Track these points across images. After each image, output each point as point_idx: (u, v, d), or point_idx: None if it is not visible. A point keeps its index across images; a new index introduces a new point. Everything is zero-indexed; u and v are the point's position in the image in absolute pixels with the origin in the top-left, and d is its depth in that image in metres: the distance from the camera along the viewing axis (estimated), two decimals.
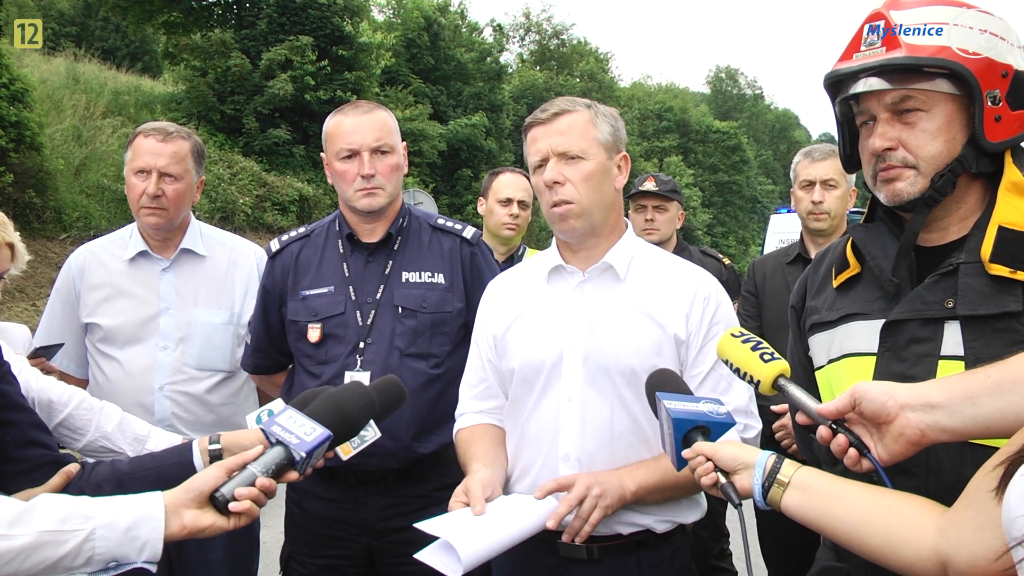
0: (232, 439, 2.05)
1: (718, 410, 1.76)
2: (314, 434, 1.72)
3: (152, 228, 3.12)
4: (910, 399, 1.41)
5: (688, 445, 1.71)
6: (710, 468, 1.65)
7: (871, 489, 1.49)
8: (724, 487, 1.63)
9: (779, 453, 1.63)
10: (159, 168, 3.03)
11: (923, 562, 1.35)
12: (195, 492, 1.66)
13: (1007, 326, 1.56)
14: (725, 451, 1.65)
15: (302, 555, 2.80)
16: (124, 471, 1.97)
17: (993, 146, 1.64)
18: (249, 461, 1.70)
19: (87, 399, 2.31)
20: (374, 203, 2.76)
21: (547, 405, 2.22)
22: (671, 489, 2.15)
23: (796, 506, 1.54)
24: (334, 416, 1.78)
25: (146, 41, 34.01)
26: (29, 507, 1.53)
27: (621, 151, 2.30)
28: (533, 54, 51.01)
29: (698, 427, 1.73)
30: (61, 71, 19.96)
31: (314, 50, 23.03)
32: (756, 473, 1.59)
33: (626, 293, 2.24)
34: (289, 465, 1.71)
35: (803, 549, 3.35)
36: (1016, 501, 1.11)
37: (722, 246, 46.24)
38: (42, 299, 12.05)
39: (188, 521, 1.63)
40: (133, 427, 2.35)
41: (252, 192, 19.94)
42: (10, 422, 1.83)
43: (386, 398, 2.08)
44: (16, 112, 13.33)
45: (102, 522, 1.56)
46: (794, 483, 1.54)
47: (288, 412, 1.76)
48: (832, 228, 3.74)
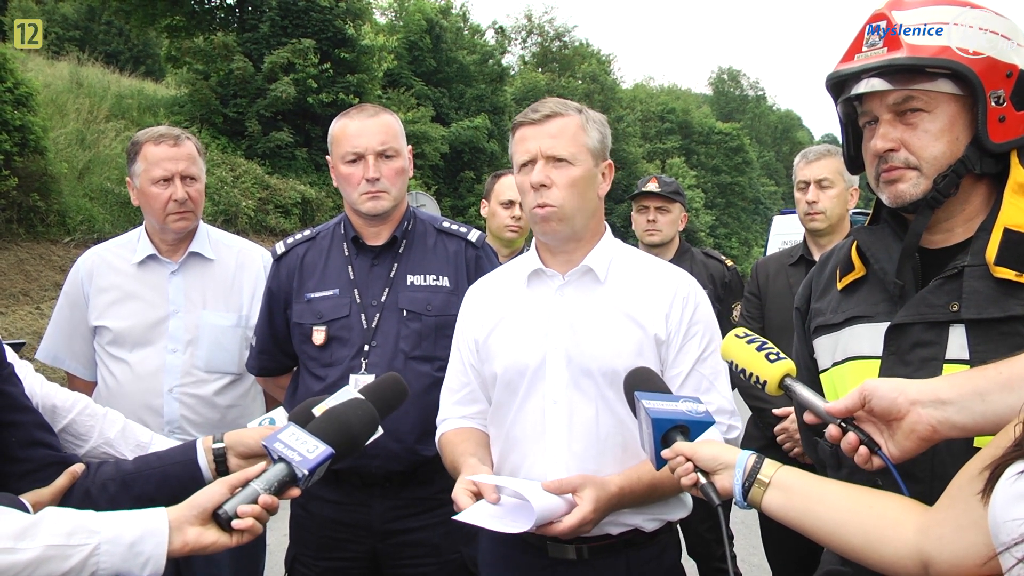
0: (236, 438, 2.05)
1: (697, 409, 1.76)
2: (316, 451, 1.72)
3: (180, 232, 3.16)
4: (920, 395, 1.40)
5: (668, 445, 1.71)
6: (690, 468, 1.65)
7: (852, 488, 1.49)
8: (704, 487, 1.63)
9: (782, 457, 1.62)
10: (180, 172, 3.07)
11: (904, 561, 1.35)
12: (198, 509, 1.66)
13: (1012, 330, 1.54)
14: (705, 451, 1.65)
15: (307, 557, 2.81)
16: (129, 470, 1.98)
17: (997, 147, 1.63)
18: (252, 478, 1.70)
19: (90, 405, 2.31)
20: (378, 207, 2.76)
21: (532, 408, 2.23)
22: (659, 491, 2.14)
23: (777, 506, 1.54)
24: (336, 433, 1.79)
25: (149, 45, 34.05)
26: (35, 520, 1.53)
27: (607, 159, 2.31)
28: (535, 56, 50.98)
29: (677, 427, 1.72)
30: (65, 75, 19.98)
31: (316, 53, 23.02)
32: (736, 473, 1.59)
33: (606, 295, 2.25)
34: (291, 482, 1.72)
35: (807, 552, 3.36)
36: (1002, 505, 1.11)
37: (725, 248, 46.17)
38: (46, 302, 12.07)
39: (191, 538, 1.64)
40: (136, 434, 2.35)
41: (255, 195, 19.94)
42: (14, 423, 1.84)
43: (388, 395, 2.08)
44: (20, 116, 13.34)
45: (107, 537, 1.56)
46: (775, 483, 1.54)
47: (291, 429, 1.76)
48: (830, 228, 3.75)
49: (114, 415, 2.35)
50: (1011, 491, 1.09)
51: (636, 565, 2.19)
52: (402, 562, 2.73)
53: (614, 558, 2.18)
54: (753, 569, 5.31)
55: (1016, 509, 1.07)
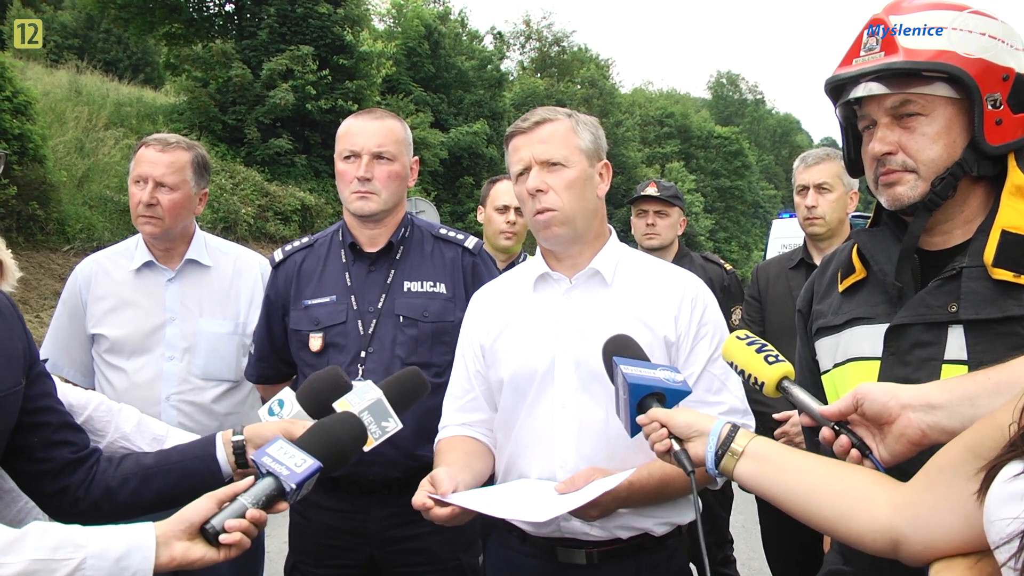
0: (254, 431, 2.04)
1: (675, 377, 1.76)
2: (304, 465, 1.72)
3: (149, 237, 3.15)
4: (911, 400, 1.42)
5: (643, 412, 1.71)
6: (664, 435, 1.65)
7: (825, 461, 1.50)
8: (677, 454, 1.63)
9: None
10: (155, 177, 3.06)
11: (875, 535, 1.36)
12: (186, 523, 1.65)
13: (1010, 330, 1.56)
14: (680, 418, 1.65)
15: (306, 565, 2.80)
16: (149, 464, 1.99)
17: (994, 149, 1.64)
18: (239, 492, 1.70)
19: (105, 401, 2.34)
20: (365, 207, 2.77)
21: (540, 413, 2.22)
22: (670, 489, 2.13)
23: (749, 475, 1.54)
24: (324, 447, 1.79)
25: (148, 52, 34.14)
26: (21, 535, 1.53)
27: (602, 159, 2.31)
28: (534, 61, 51.15)
29: (654, 394, 1.72)
30: (64, 83, 20.03)
31: (315, 60, 23.09)
32: (710, 441, 1.59)
33: (614, 298, 2.25)
34: (279, 496, 1.71)
35: (807, 555, 3.36)
36: (996, 505, 1.12)
37: (725, 251, 46.27)
38: (45, 311, 12.07)
39: (178, 553, 1.63)
40: (151, 427, 2.37)
41: (254, 202, 19.99)
42: (41, 424, 1.86)
43: (408, 388, 2.08)
44: (19, 124, 13.37)
45: (93, 551, 1.55)
46: (748, 452, 1.55)
47: (279, 443, 1.76)
48: (830, 232, 3.76)
49: (129, 410, 2.37)
50: (1004, 492, 1.10)
51: (645, 569, 2.19)
52: (401, 569, 2.73)
53: (623, 562, 2.18)
54: (754, 573, 5.31)
55: (1007, 509, 1.08)
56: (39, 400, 1.86)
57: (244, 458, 2.02)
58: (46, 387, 1.91)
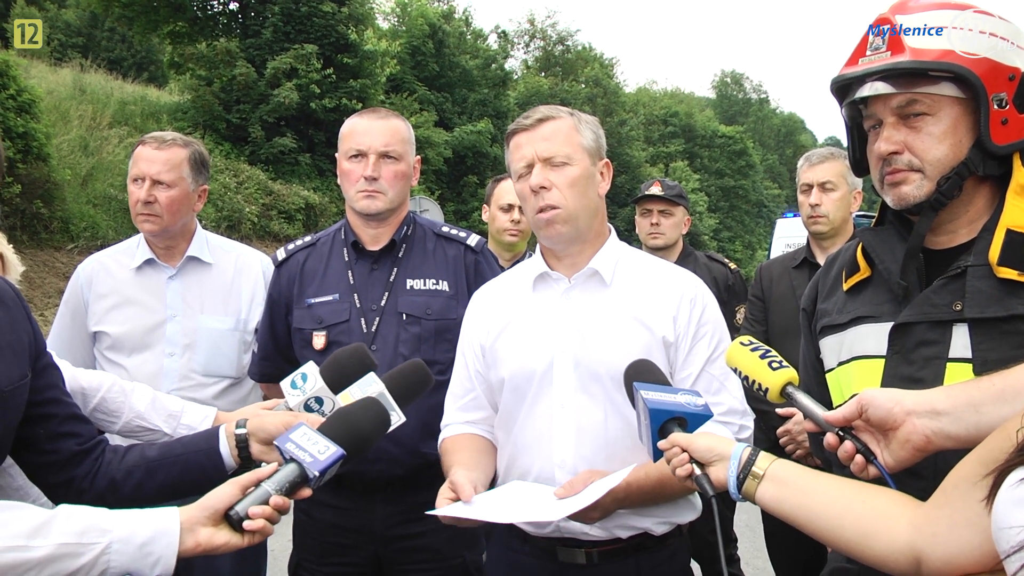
0: (257, 424, 2.05)
1: (695, 402, 1.76)
2: (327, 452, 1.72)
3: (149, 234, 3.17)
4: (916, 406, 1.42)
5: (665, 436, 1.71)
6: (685, 459, 1.65)
7: (846, 483, 1.50)
8: (699, 478, 1.63)
9: (785, 459, 1.62)
10: (152, 175, 3.08)
11: (896, 556, 1.36)
12: (210, 510, 1.67)
13: (1015, 328, 1.56)
14: (700, 442, 1.65)
15: (310, 563, 2.81)
16: (153, 457, 1.99)
17: (999, 149, 1.64)
18: (263, 478, 1.71)
19: (117, 382, 2.35)
20: (372, 206, 2.78)
21: (540, 413, 2.22)
22: (668, 489, 2.12)
23: (770, 498, 1.54)
24: (347, 434, 1.79)
25: (152, 51, 34.19)
26: (49, 518, 1.55)
27: (603, 158, 2.32)
28: (538, 60, 51.09)
29: (675, 418, 1.72)
30: (68, 82, 20.07)
31: (319, 58, 23.10)
32: (731, 465, 1.59)
33: (613, 298, 2.25)
34: (303, 483, 1.72)
35: (810, 555, 3.35)
36: (1004, 512, 1.11)
37: (729, 251, 46.21)
38: (49, 309, 12.09)
39: (203, 538, 1.65)
40: (166, 404, 2.38)
41: (258, 201, 20.01)
42: (48, 416, 1.87)
43: (411, 381, 2.08)
44: (24, 123, 13.41)
45: (119, 536, 1.58)
46: (769, 475, 1.54)
47: (302, 429, 1.77)
48: (833, 231, 3.75)
49: (142, 388, 2.38)
50: (1012, 497, 1.10)
51: (646, 569, 2.18)
52: (405, 567, 2.73)
53: (624, 562, 2.18)
54: (757, 572, 5.30)
55: (1015, 515, 1.08)
56: (46, 392, 1.87)
57: (247, 451, 2.03)
58: (53, 378, 1.91)
